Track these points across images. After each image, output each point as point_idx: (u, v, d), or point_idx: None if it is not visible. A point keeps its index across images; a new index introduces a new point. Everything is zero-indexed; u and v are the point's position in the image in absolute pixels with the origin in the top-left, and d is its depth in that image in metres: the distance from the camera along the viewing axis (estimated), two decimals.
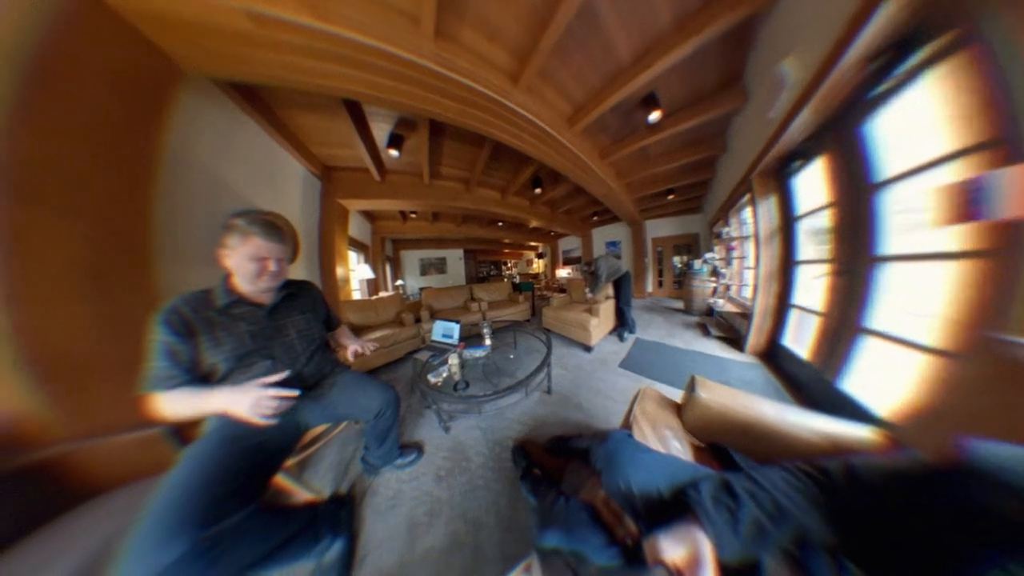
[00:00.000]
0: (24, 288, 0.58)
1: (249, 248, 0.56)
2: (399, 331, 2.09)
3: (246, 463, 0.51)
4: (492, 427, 1.11)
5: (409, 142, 1.92)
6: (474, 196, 3.00)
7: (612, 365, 1.69)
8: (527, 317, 3.18)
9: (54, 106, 0.63)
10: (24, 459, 0.54)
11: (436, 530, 0.71)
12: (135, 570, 0.36)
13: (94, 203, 0.71)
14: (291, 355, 0.65)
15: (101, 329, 0.68)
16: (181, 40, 0.82)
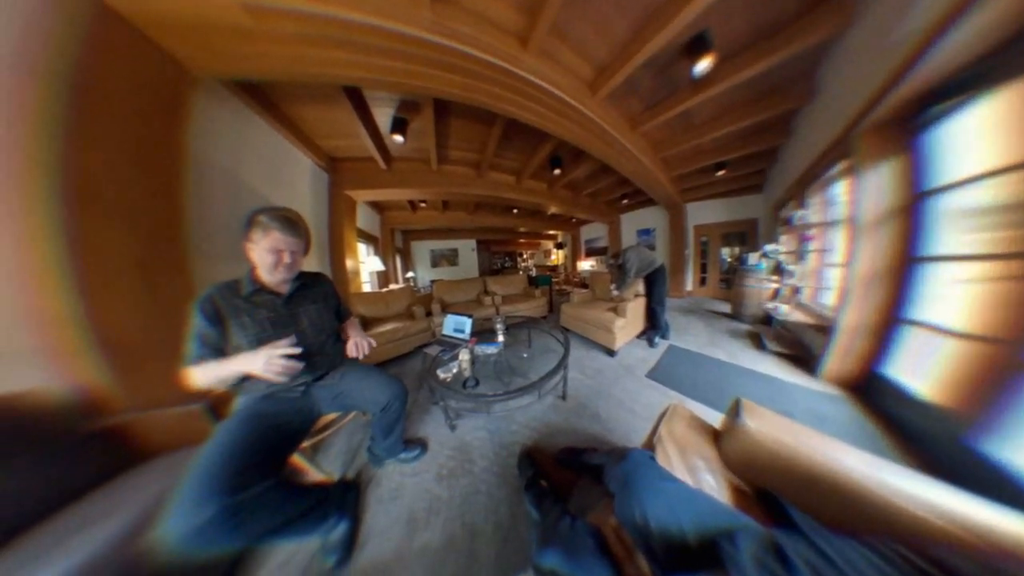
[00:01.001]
0: (90, 282, 0.73)
1: (269, 241, 0.66)
2: (409, 324, 2.21)
3: (267, 441, 0.61)
4: (500, 430, 1.15)
5: (414, 125, 1.95)
6: (486, 181, 2.98)
7: (638, 374, 1.61)
8: (544, 314, 3.14)
9: (96, 122, 0.77)
10: (98, 424, 0.71)
11: (434, 528, 0.76)
12: (176, 525, 0.45)
13: (138, 207, 0.86)
14: (304, 341, 0.74)
15: (150, 316, 0.85)
16: (185, 41, 0.92)
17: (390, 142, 2.16)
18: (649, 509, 0.38)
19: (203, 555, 0.46)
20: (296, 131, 1.83)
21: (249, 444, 0.58)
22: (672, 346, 2.02)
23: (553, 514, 0.53)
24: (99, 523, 0.52)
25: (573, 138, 1.91)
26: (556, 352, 1.41)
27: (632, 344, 2.08)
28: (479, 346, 1.38)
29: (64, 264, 0.69)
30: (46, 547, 0.48)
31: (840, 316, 1.28)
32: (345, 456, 1.07)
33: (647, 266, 2.08)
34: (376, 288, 3.74)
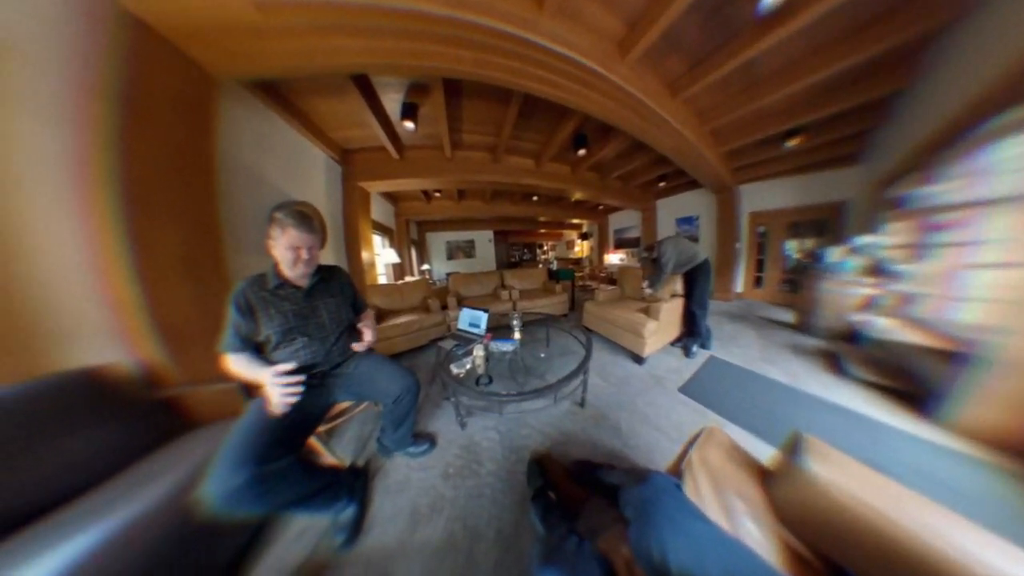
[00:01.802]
0: (147, 275, 0.90)
1: (286, 239, 0.74)
2: (424, 317, 2.33)
3: (290, 421, 0.71)
4: (511, 432, 1.18)
5: (424, 110, 1.98)
6: (503, 166, 2.94)
7: (669, 387, 1.52)
8: (564, 311, 3.10)
9: (143, 133, 0.92)
10: (158, 395, 0.88)
11: (435, 525, 0.81)
12: (216, 486, 0.56)
13: (180, 208, 1.02)
14: (322, 334, 0.84)
15: (195, 304, 1.02)
16: (207, 47, 1.04)
17: (401, 130, 2.23)
18: (670, 547, 0.35)
19: (235, 515, 0.56)
20: (309, 125, 1.98)
21: (274, 422, 0.68)
22: (713, 358, 1.84)
23: (559, 531, 0.53)
24: (160, 477, 0.66)
25: (600, 112, 1.76)
26: (576, 354, 1.39)
27: (664, 352, 1.95)
28: (494, 342, 1.41)
29: (127, 259, 0.86)
30: (124, 492, 0.63)
31: (996, 341, 0.94)
32: (356, 444, 1.20)
33: (687, 261, 1.89)
34: (392, 280, 4.00)
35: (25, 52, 0.73)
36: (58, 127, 0.78)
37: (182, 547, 0.59)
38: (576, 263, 7.75)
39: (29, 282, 0.74)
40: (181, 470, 0.68)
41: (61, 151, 0.79)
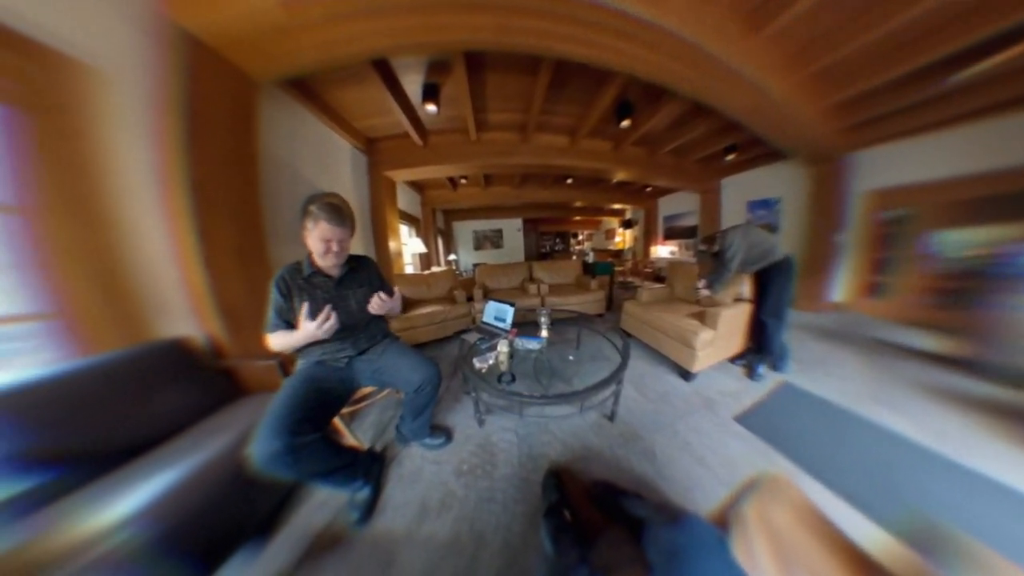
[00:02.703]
0: (210, 263, 1.12)
1: (318, 231, 0.84)
2: (450, 308, 2.45)
3: (317, 400, 0.84)
4: (530, 437, 1.19)
5: (446, 90, 2.01)
6: (533, 146, 2.87)
7: (722, 412, 1.34)
8: (600, 311, 2.96)
9: (203, 140, 1.13)
10: (220, 364, 1.12)
11: (443, 522, 0.86)
12: (258, 449, 0.69)
13: (233, 204, 1.24)
14: (351, 321, 0.96)
15: (246, 290, 1.24)
16: (247, 53, 1.20)
17: (423, 114, 2.32)
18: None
19: (272, 475, 0.69)
20: (334, 116, 2.17)
21: (304, 400, 0.80)
22: (789, 384, 1.54)
23: (569, 557, 0.52)
24: (221, 433, 0.85)
25: (647, 71, 1.55)
26: (610, 361, 1.33)
27: (720, 369, 1.72)
28: (520, 339, 1.42)
29: (197, 250, 1.09)
30: (197, 442, 0.82)
31: None
32: (376, 429, 1.34)
33: (760, 257, 1.60)
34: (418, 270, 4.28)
35: (118, 79, 0.96)
36: (144, 141, 1.01)
37: (236, 493, 0.74)
38: (616, 255, 7.20)
39: (135, 270, 1.00)
40: (236, 430, 0.85)
41: (148, 161, 1.02)
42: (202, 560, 0.66)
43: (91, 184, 0.89)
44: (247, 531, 0.79)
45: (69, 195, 0.84)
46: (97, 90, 0.90)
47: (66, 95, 0.84)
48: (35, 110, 0.79)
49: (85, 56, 0.87)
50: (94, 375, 0.80)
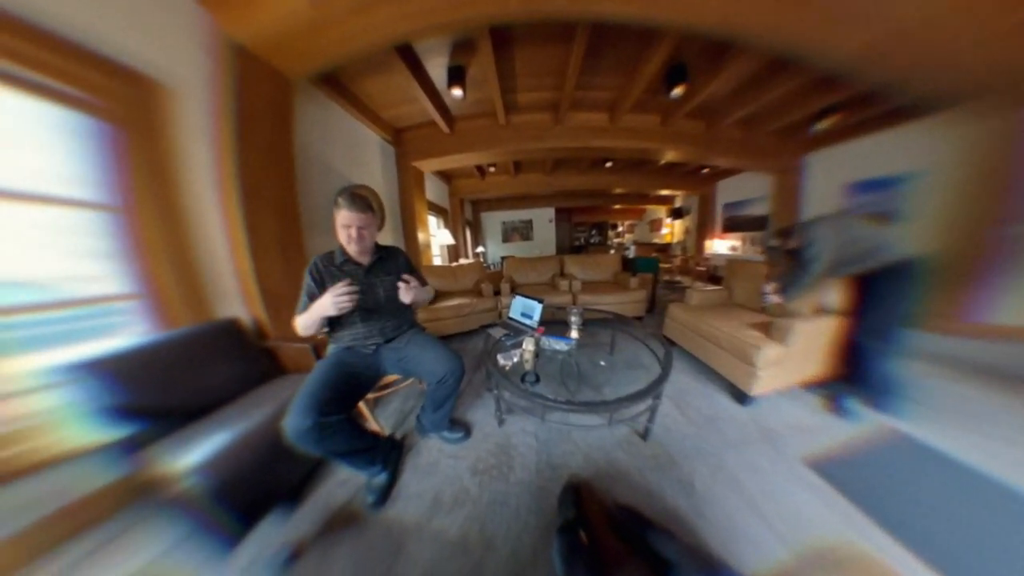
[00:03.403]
0: (256, 252, 1.31)
1: (340, 218, 0.93)
2: (476, 301, 2.53)
3: (345, 383, 0.94)
4: (550, 443, 1.18)
5: (472, 72, 2.02)
6: (567, 128, 2.74)
7: (787, 450, 1.12)
8: (639, 313, 2.77)
9: (249, 140, 1.30)
10: (263, 344, 1.31)
11: (454, 519, 0.90)
12: (291, 424, 0.79)
13: (275, 197, 1.42)
14: (378, 309, 1.05)
15: (285, 276, 1.43)
16: (284, 54, 1.33)
17: (449, 99, 2.35)
18: None
19: (301, 449, 0.79)
20: (362, 108, 2.32)
21: (333, 383, 0.90)
22: (902, 434, 1.19)
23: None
24: (264, 405, 1.00)
25: (708, 20, 1.32)
26: (647, 371, 1.26)
27: (790, 396, 1.44)
28: (547, 338, 1.41)
29: (246, 241, 1.28)
30: (245, 410, 0.98)
31: None
32: (398, 416, 1.45)
33: (860, 256, 1.25)
34: (446, 262, 4.48)
35: (186, 95, 1.15)
36: (206, 148, 1.22)
37: (274, 458, 0.87)
38: (662, 250, 6.49)
39: (201, 259, 1.21)
40: (275, 403, 1.00)
41: (209, 165, 1.23)
42: (244, 515, 0.79)
43: (168, 187, 1.11)
44: (279, 495, 0.92)
45: (153, 197, 1.06)
46: (172, 106, 1.11)
47: (150, 112, 1.05)
48: (129, 126, 1.00)
49: (164, 77, 1.08)
50: (171, 347, 1.00)
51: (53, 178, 0.90)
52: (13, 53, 0.78)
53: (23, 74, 0.81)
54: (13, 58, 0.78)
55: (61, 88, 0.87)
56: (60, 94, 0.88)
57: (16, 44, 0.78)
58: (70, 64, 0.87)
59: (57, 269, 0.92)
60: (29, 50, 0.79)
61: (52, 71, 0.84)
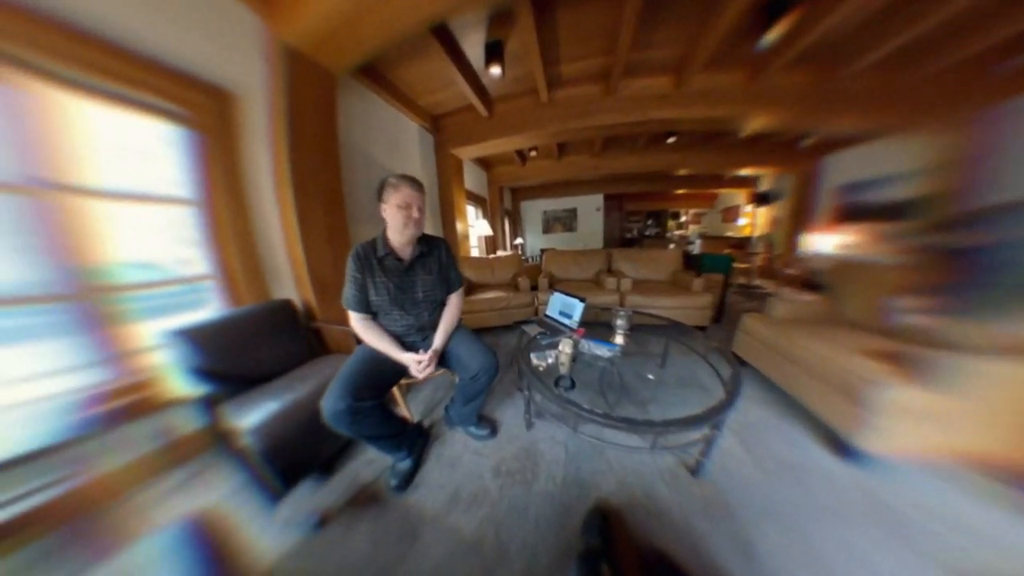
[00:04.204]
0: (306, 241, 1.51)
1: (400, 196, 0.95)
2: (512, 296, 2.54)
3: (380, 370, 1.02)
4: (581, 457, 1.13)
5: (511, 45, 1.96)
6: (620, 98, 2.50)
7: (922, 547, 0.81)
8: (703, 322, 2.42)
9: (301, 137, 1.47)
10: (311, 325, 1.52)
11: (471, 517, 0.92)
12: (328, 405, 0.89)
13: (322, 190, 1.60)
14: (416, 310, 1.11)
15: (331, 263, 1.62)
16: (328, 51, 1.46)
17: (487, 79, 2.35)
18: None
19: (336, 429, 0.89)
20: (400, 96, 2.44)
21: (369, 369, 0.99)
22: None
23: None
24: (308, 380, 1.16)
25: None
26: (706, 393, 1.12)
27: (946, 476, 1.01)
28: (587, 341, 1.35)
29: (297, 230, 1.48)
30: (291, 384, 1.15)
31: None
32: (427, 405, 1.54)
33: None
34: (483, 254, 4.59)
35: (249, 100, 1.36)
36: (264, 147, 1.43)
37: (313, 430, 0.99)
38: (738, 246, 5.37)
39: (262, 246, 1.45)
40: (317, 380, 1.15)
41: (267, 163, 1.45)
42: (284, 478, 0.92)
43: (237, 184, 1.34)
44: (315, 465, 1.06)
45: (226, 193, 1.29)
46: (238, 111, 1.32)
47: (224, 119, 1.28)
48: (209, 133, 1.24)
49: (232, 86, 1.30)
50: (237, 322, 1.21)
51: (165, 182, 1.18)
52: (145, 84, 1.04)
53: (149, 100, 1.08)
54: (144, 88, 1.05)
55: (168, 107, 1.13)
56: (168, 112, 1.14)
57: (145, 77, 1.04)
58: (177, 87, 1.12)
59: (167, 255, 1.22)
60: (152, 80, 1.06)
61: (166, 94, 1.10)
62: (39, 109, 0.87)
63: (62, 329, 0.92)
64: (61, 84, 0.89)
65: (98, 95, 0.96)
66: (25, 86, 0.84)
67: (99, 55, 0.92)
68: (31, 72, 0.84)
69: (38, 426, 0.67)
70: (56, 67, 0.87)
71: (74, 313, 0.93)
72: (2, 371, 0.81)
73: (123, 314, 1.03)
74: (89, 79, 0.93)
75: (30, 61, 0.83)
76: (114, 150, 1.04)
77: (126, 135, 1.07)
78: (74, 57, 0.88)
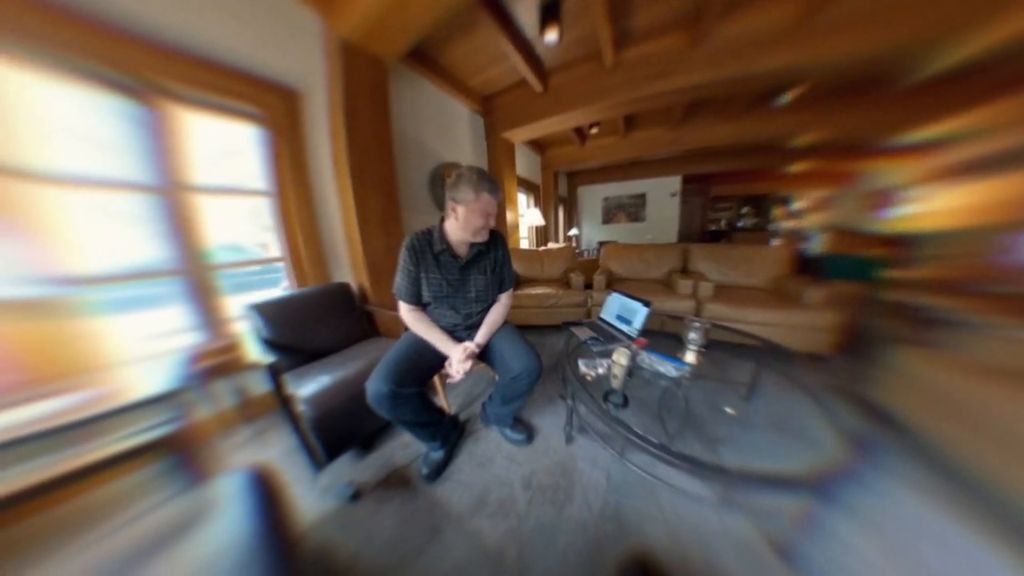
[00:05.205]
0: (363, 227, 1.68)
1: (480, 204, 0.94)
2: (562, 293, 2.44)
3: (423, 359, 1.06)
4: (625, 490, 1.01)
5: (569, 3, 1.80)
6: (713, 48, 2.06)
7: None
8: (820, 348, 1.88)
9: (356, 128, 1.62)
10: (364, 308, 1.70)
11: (494, 525, 0.91)
12: (371, 387, 0.96)
13: (377, 179, 1.75)
14: (467, 309, 1.13)
15: (384, 250, 1.77)
16: (380, 40, 1.55)
17: (542, 48, 2.23)
18: None
19: (377, 411, 0.96)
20: (450, 78, 2.49)
21: (413, 357, 1.04)
22: None
23: None
24: (358, 360, 1.30)
25: None
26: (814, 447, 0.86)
27: None
28: (648, 353, 1.21)
29: (355, 217, 1.65)
30: (343, 361, 1.30)
31: None
32: (465, 398, 1.59)
33: None
34: (533, 246, 4.55)
35: (311, 96, 1.55)
36: (325, 139, 1.62)
37: (358, 406, 1.08)
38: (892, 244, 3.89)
39: (325, 232, 1.67)
40: (366, 361, 1.27)
41: (328, 154, 1.64)
42: (328, 448, 1.04)
43: (303, 175, 1.56)
44: (355, 440, 1.18)
45: (293, 184, 1.52)
46: (302, 108, 1.53)
47: (291, 116, 1.49)
48: (278, 130, 1.46)
49: (297, 84, 1.49)
50: (302, 301, 1.42)
51: (249, 176, 1.46)
52: (230, 91, 1.29)
53: (235, 106, 1.33)
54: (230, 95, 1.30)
55: (249, 110, 1.37)
56: (249, 115, 1.39)
57: (230, 84, 1.27)
58: (255, 91, 1.36)
59: (250, 239, 1.52)
60: (236, 86, 1.30)
61: (247, 98, 1.35)
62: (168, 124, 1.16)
63: (179, 298, 1.22)
64: (180, 101, 1.17)
65: (201, 106, 1.24)
66: (161, 107, 1.13)
67: (199, 71, 1.17)
68: (163, 94, 1.12)
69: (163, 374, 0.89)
70: (177, 87, 1.14)
71: (186, 286, 1.23)
72: (143, 329, 1.14)
73: (218, 288, 1.32)
74: (196, 94, 1.20)
75: (164, 85, 1.10)
76: (212, 152, 1.32)
77: (219, 139, 1.36)
78: (186, 77, 1.14)
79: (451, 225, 1.02)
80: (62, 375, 0.81)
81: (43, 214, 0.89)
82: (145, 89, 1.08)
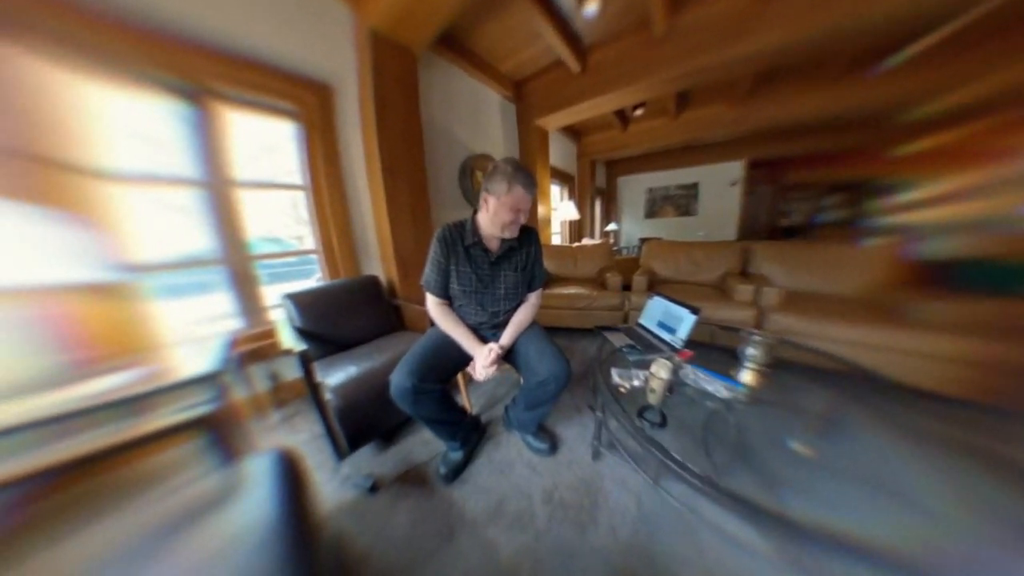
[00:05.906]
0: (393, 221, 1.75)
1: (512, 199, 0.93)
2: (596, 295, 2.30)
3: (448, 356, 1.06)
4: (657, 521, 0.93)
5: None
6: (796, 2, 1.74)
7: None
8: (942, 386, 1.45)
9: (387, 121, 1.67)
10: (392, 301, 1.77)
11: (509, 538, 0.88)
12: (395, 381, 0.98)
13: (407, 171, 1.80)
14: (495, 307, 1.13)
15: (414, 243, 1.83)
16: (408, 29, 1.58)
17: (581, 23, 2.11)
18: None
19: (399, 405, 0.99)
20: (480, 64, 2.46)
21: (437, 353, 1.06)
22: None
23: None
24: (385, 352, 1.35)
25: None
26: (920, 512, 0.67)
27: None
28: (693, 368, 1.10)
29: (386, 211, 1.72)
30: (371, 352, 1.36)
31: None
32: (487, 399, 1.58)
33: None
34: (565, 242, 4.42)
35: (343, 90, 1.62)
36: (357, 133, 1.70)
37: (382, 399, 1.11)
38: None
39: (356, 225, 1.76)
40: (392, 353, 1.31)
41: (360, 147, 1.72)
42: (351, 438, 1.10)
43: (335, 169, 1.65)
44: (377, 433, 1.22)
45: (326, 177, 1.61)
46: (335, 102, 1.61)
47: (324, 110, 1.58)
48: (312, 125, 1.56)
49: (330, 79, 1.57)
50: (334, 292, 1.50)
51: (285, 171, 1.60)
52: (268, 89, 1.40)
53: (273, 103, 1.44)
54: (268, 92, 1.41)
55: (286, 107, 1.47)
56: (286, 111, 1.49)
57: (268, 82, 1.38)
58: (291, 87, 1.45)
59: (286, 231, 1.66)
60: (274, 84, 1.41)
61: (284, 95, 1.45)
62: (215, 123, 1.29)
63: (222, 286, 1.37)
64: (226, 101, 1.30)
65: (243, 105, 1.36)
66: (209, 107, 1.25)
67: (243, 72, 1.29)
68: (212, 95, 1.25)
69: (206, 356, 1.00)
70: (224, 88, 1.26)
71: (229, 275, 1.38)
72: (190, 314, 1.31)
73: (257, 278, 1.45)
74: (240, 93, 1.32)
75: (213, 87, 1.23)
76: (252, 148, 1.45)
77: (259, 135, 1.49)
78: (232, 78, 1.26)
79: (483, 217, 1.02)
80: (124, 352, 0.94)
81: (112, 208, 1.04)
82: (198, 91, 1.22)
